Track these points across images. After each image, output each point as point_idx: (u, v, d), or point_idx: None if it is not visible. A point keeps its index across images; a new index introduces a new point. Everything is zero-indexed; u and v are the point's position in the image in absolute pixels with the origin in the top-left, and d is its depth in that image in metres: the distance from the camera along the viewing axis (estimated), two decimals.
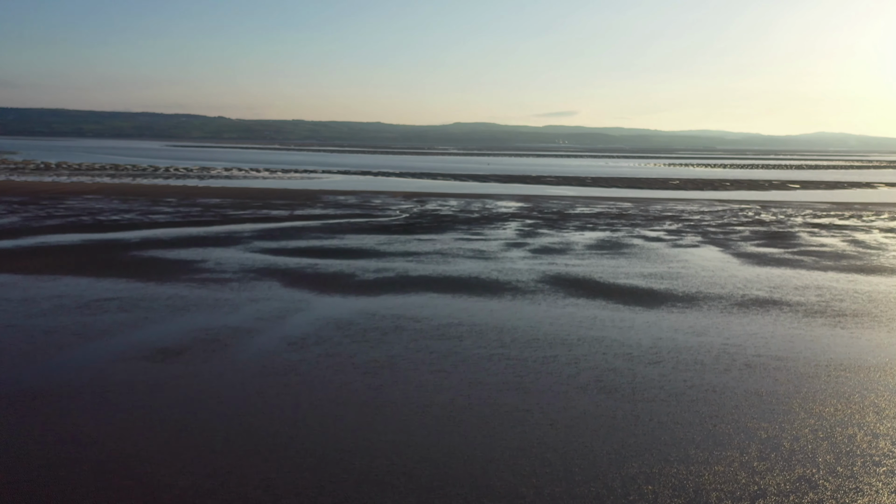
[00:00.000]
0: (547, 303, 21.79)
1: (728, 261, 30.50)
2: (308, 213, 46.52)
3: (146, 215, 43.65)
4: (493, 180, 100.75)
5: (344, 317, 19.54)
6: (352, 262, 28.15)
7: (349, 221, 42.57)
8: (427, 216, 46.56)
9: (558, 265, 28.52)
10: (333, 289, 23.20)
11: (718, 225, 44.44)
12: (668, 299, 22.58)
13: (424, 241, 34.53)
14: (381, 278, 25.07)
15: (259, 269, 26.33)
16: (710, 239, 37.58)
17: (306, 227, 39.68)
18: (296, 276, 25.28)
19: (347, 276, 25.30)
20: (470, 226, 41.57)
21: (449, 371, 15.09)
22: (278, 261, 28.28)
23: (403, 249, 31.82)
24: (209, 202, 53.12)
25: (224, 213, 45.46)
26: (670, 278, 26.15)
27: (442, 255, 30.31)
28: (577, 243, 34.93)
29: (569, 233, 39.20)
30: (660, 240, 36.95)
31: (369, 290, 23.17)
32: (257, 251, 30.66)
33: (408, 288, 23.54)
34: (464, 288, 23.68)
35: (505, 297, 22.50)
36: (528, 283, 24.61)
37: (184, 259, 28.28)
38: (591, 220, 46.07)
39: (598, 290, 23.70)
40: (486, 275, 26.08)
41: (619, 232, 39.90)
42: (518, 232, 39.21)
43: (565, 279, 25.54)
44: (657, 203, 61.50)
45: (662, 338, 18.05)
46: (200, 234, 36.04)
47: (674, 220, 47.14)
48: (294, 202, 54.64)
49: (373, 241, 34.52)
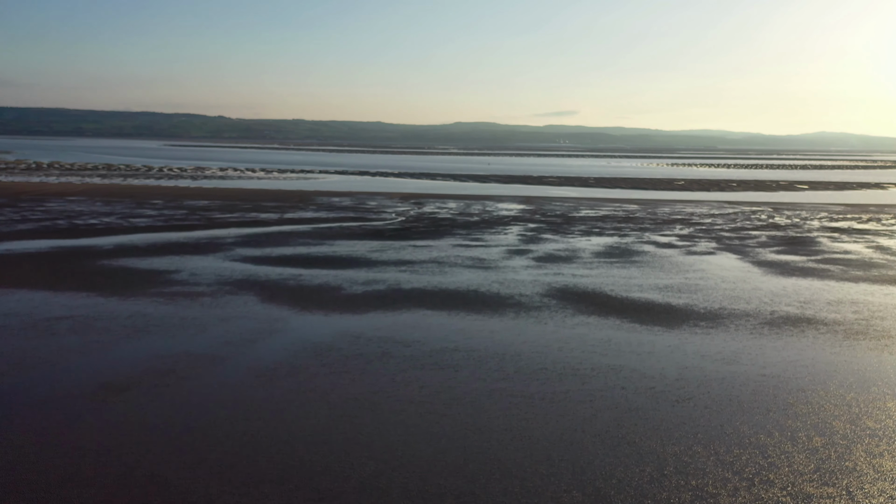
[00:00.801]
0: (554, 322, 19.44)
1: (748, 270, 28.13)
2: (299, 217, 44.16)
3: (127, 219, 41.29)
4: (493, 181, 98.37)
5: (324, 340, 17.18)
6: (339, 273, 25.79)
7: (341, 226, 40.21)
8: (424, 220, 44.19)
9: (565, 276, 26.15)
10: (316, 305, 20.84)
11: (732, 229, 42.06)
12: (690, 317, 20.22)
13: (420, 248, 32.17)
14: (369, 292, 22.71)
15: (236, 281, 23.97)
16: (725, 245, 35.20)
17: (295, 231, 37.30)
18: (276, 289, 22.92)
19: (333, 290, 22.94)
20: (469, 230, 39.20)
21: (441, 412, 12.74)
22: (259, 271, 25.92)
23: (397, 257, 29.45)
24: (196, 204, 50.76)
25: (210, 217, 43.10)
26: (689, 291, 23.77)
27: (438, 265, 27.95)
28: (583, 250, 32.56)
29: (574, 238, 36.83)
30: (672, 246, 34.58)
31: (356, 306, 20.81)
32: (238, 259, 28.30)
33: (399, 304, 21.18)
34: (461, 303, 21.33)
35: (507, 314, 20.15)
36: (532, 298, 22.26)
37: (156, 269, 25.92)
38: (597, 223, 43.70)
39: (610, 306, 21.34)
40: (485, 287, 23.72)
41: (628, 237, 37.52)
42: (520, 237, 36.84)
43: (573, 293, 23.18)
44: (665, 205, 59.12)
45: (688, 367, 15.68)
46: (180, 239, 33.68)
47: (684, 223, 44.76)
48: (285, 204, 52.28)
49: (364, 247, 32.17)
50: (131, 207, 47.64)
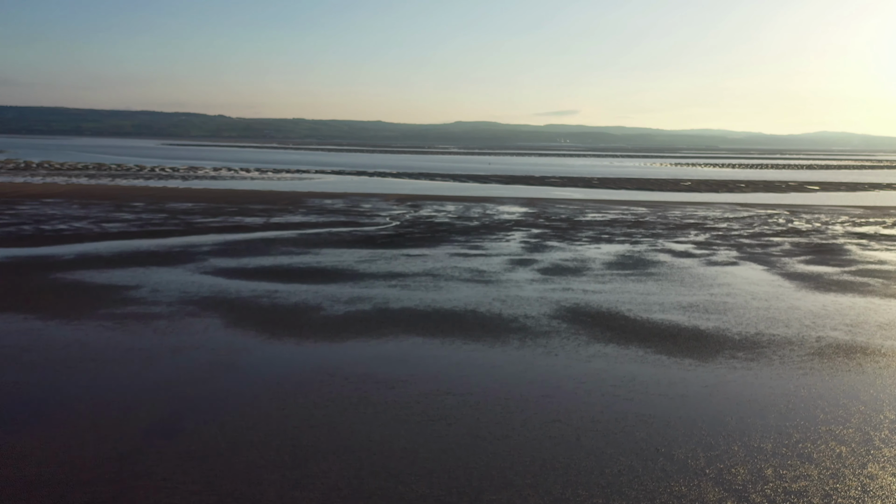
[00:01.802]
0: (566, 352, 16.53)
1: (779, 284, 25.19)
2: (285, 221, 41.23)
3: (100, 223, 38.36)
4: (494, 181, 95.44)
5: (291, 380, 14.27)
6: (321, 289, 22.86)
7: (330, 231, 37.27)
8: (420, 224, 41.26)
9: (575, 292, 23.22)
10: (288, 330, 17.92)
11: (751, 235, 39.11)
12: (724, 346, 17.29)
13: (414, 258, 29.25)
14: (353, 313, 19.79)
15: (202, 300, 21.05)
16: (747, 254, 32.26)
17: (279, 238, 34.38)
18: (245, 309, 20.00)
19: (311, 310, 20.02)
20: (468, 236, 36.27)
21: (425, 495, 9.82)
22: (231, 286, 23.00)
23: (387, 269, 26.53)
24: (179, 207, 47.84)
25: (190, 221, 40.17)
26: (717, 312, 20.85)
27: (433, 278, 25.03)
28: (593, 260, 29.62)
29: (582, 246, 33.89)
30: (689, 255, 31.64)
31: (335, 332, 17.89)
32: (209, 272, 25.38)
33: (385, 328, 18.26)
34: (457, 328, 18.41)
35: (510, 342, 17.24)
36: (539, 320, 19.34)
37: (114, 284, 23.00)
38: (605, 228, 40.76)
39: (629, 331, 18.42)
40: (485, 306, 20.81)
41: (641, 244, 34.58)
42: (523, 245, 33.91)
43: (586, 313, 20.26)
44: (675, 207, 56.16)
45: (733, 419, 12.76)
46: (151, 247, 30.76)
47: (699, 228, 41.81)
48: (274, 207, 49.35)
49: (352, 257, 29.24)
50: (108, 211, 44.71)
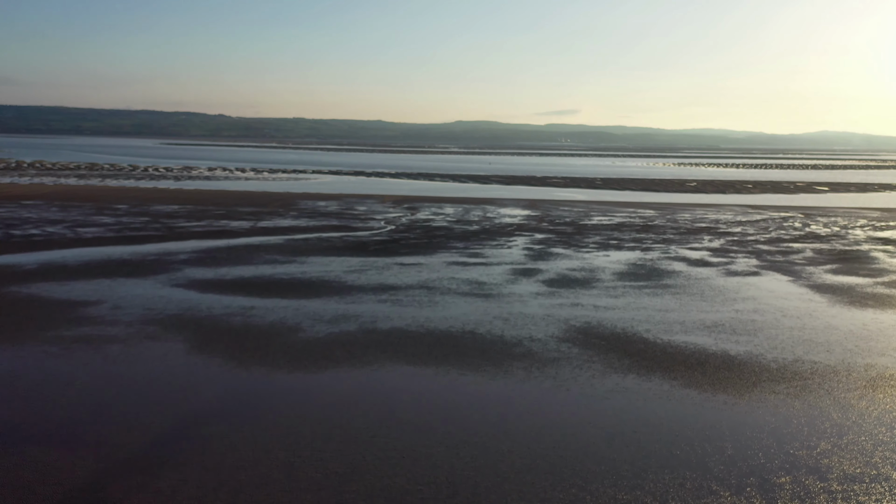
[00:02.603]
0: (579, 385, 14.22)
1: (810, 299, 22.87)
2: (274, 226, 38.91)
3: (75, 228, 36.06)
4: (495, 182, 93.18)
5: (250, 426, 11.96)
6: (303, 305, 20.56)
7: (320, 237, 34.96)
8: (416, 229, 38.95)
9: (585, 307, 20.92)
10: (258, 358, 15.60)
11: (768, 241, 36.78)
12: (760, 377, 14.98)
13: (408, 268, 26.94)
14: (335, 335, 17.48)
15: (167, 319, 18.74)
16: (768, 262, 29.94)
17: (264, 245, 32.07)
18: (215, 330, 17.70)
19: (288, 332, 17.71)
20: (467, 242, 33.96)
21: None
22: (202, 302, 20.69)
23: (378, 281, 24.21)
24: (164, 210, 45.53)
25: (172, 225, 37.86)
26: (746, 332, 18.53)
27: (428, 291, 22.72)
28: (603, 270, 27.31)
29: (590, 253, 31.57)
30: (706, 263, 29.33)
31: (312, 360, 15.58)
32: (182, 285, 23.06)
33: (370, 355, 15.95)
34: (453, 354, 16.11)
35: (514, 372, 14.94)
36: (546, 344, 17.04)
37: (72, 299, 20.69)
38: (613, 233, 38.44)
39: (650, 358, 16.11)
40: (485, 327, 18.50)
41: (653, 251, 32.26)
42: (527, 252, 31.60)
43: (599, 335, 17.95)
44: (683, 210, 53.84)
45: (786, 479, 10.46)
46: (124, 256, 28.45)
47: (712, 233, 39.49)
48: (264, 210, 47.05)
49: (341, 266, 26.94)
50: (88, 214, 42.40)
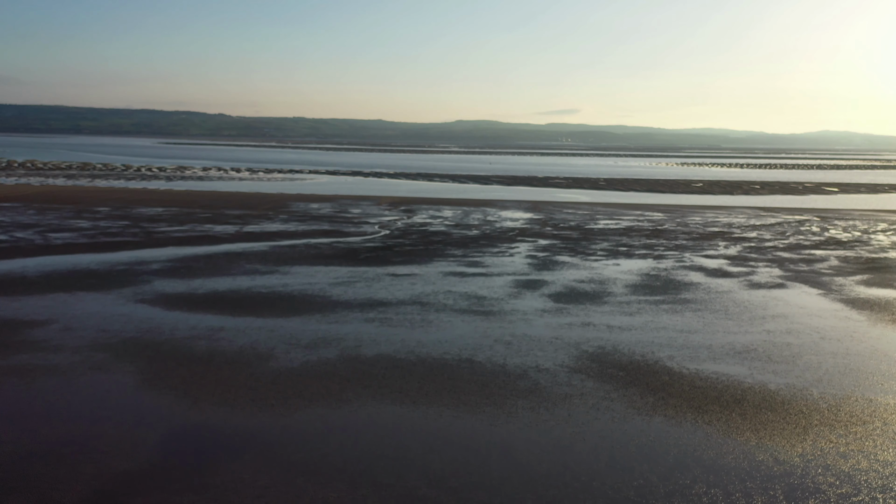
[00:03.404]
0: (596, 432, 11.90)
1: (847, 316, 20.53)
2: (260, 230, 36.58)
3: (47, 233, 33.72)
4: (495, 182, 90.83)
5: (193, 494, 9.63)
6: (279, 325, 18.22)
7: (308, 243, 32.61)
8: (412, 234, 36.62)
9: (597, 328, 18.58)
10: (218, 396, 13.27)
11: (788, 247, 34.44)
12: (810, 419, 12.65)
13: (400, 279, 24.60)
14: (311, 365, 15.15)
15: (122, 344, 16.40)
16: (792, 272, 27.61)
17: (247, 252, 29.73)
18: (173, 359, 15.36)
19: (258, 361, 15.37)
20: (466, 249, 31.63)
21: None
22: (166, 322, 18.36)
23: (366, 295, 21.87)
24: (146, 213, 43.19)
25: (152, 230, 35.52)
26: (783, 360, 16.19)
27: (421, 308, 20.38)
28: (614, 281, 24.96)
29: (598, 261, 29.23)
30: (725, 274, 26.98)
31: (281, 398, 13.25)
32: (148, 300, 20.72)
33: (350, 392, 13.62)
34: (447, 389, 13.79)
35: (519, 414, 12.63)
36: (556, 376, 14.71)
37: (21, 318, 18.35)
38: (621, 239, 36.09)
39: (677, 394, 13.77)
40: (485, 353, 16.17)
41: (666, 259, 29.91)
42: (530, 260, 29.26)
43: (616, 363, 15.61)
44: (693, 213, 51.48)
45: None
46: (92, 265, 26.11)
47: (726, 238, 37.13)
48: (252, 213, 44.70)
49: (328, 277, 24.60)
50: (65, 217, 40.07)
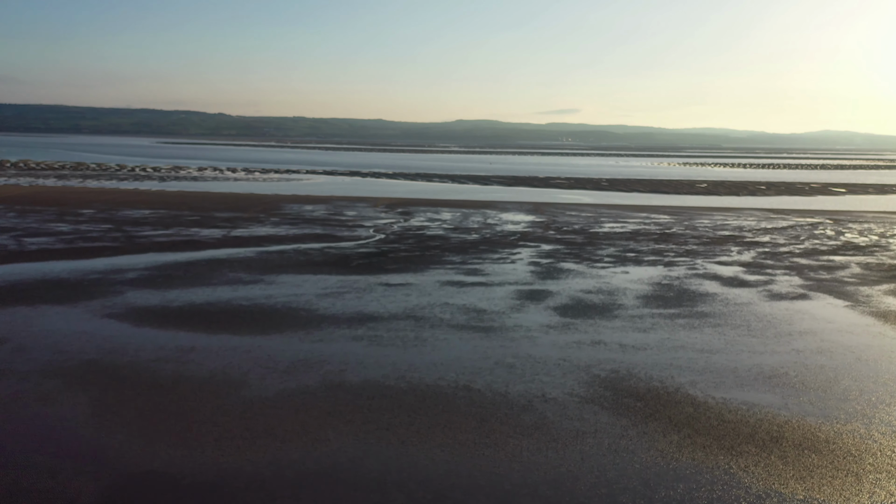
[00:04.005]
0: (615, 481, 10.13)
1: (881, 332, 18.77)
2: (249, 234, 34.82)
3: (22, 238, 31.97)
4: (496, 183, 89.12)
5: None
6: (257, 344, 16.47)
7: (298, 248, 30.87)
8: (408, 238, 34.87)
9: (609, 347, 16.83)
10: (179, 432, 11.50)
11: (804, 253, 32.69)
12: (863, 465, 10.90)
13: (393, 290, 22.84)
14: (288, 393, 13.40)
15: (76, 369, 14.65)
16: (813, 281, 25.85)
17: (231, 258, 27.98)
18: (132, 387, 13.61)
19: (227, 388, 13.63)
20: (465, 255, 29.88)
21: None
22: (133, 340, 16.62)
23: (355, 309, 20.12)
24: (132, 216, 41.44)
25: (134, 235, 33.77)
26: (819, 387, 14.44)
27: (415, 323, 18.64)
28: (623, 292, 23.21)
29: (605, 269, 27.47)
30: (742, 283, 25.22)
31: (249, 436, 11.49)
32: (116, 314, 18.97)
33: (331, 428, 11.87)
34: (442, 422, 12.05)
35: (522, 457, 10.87)
36: (565, 407, 12.96)
37: None
38: (629, 244, 34.34)
39: (706, 431, 12.02)
40: (485, 378, 14.43)
41: (677, 267, 28.16)
42: (533, 267, 27.50)
43: (632, 391, 13.86)
44: (700, 215, 49.74)
45: None
46: (62, 274, 24.36)
47: (738, 243, 35.38)
48: (243, 215, 42.96)
49: (316, 287, 22.85)
50: (46, 220, 38.31)
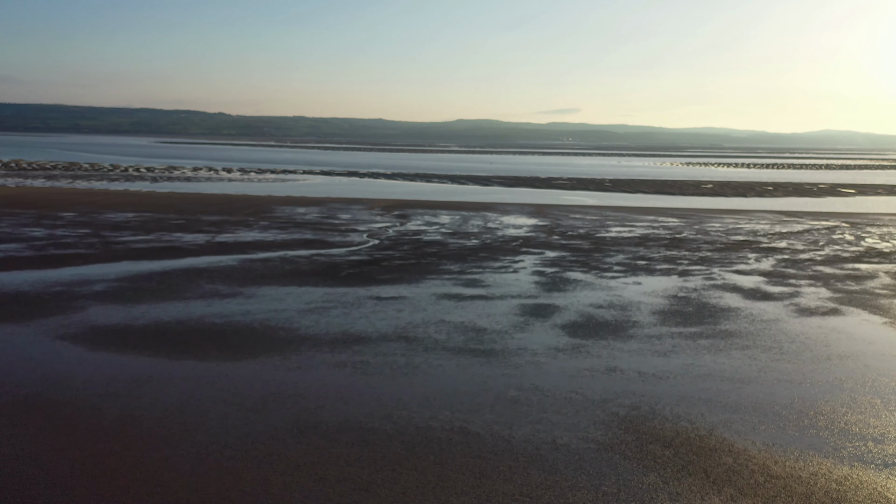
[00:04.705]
0: None
1: None
2: (234, 240, 32.77)
3: None
4: (496, 183, 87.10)
5: None
6: (224, 373, 14.40)
7: (284, 256, 28.81)
8: (404, 244, 32.82)
9: (626, 375, 14.76)
10: (109, 501, 9.45)
11: (826, 260, 30.62)
12: None
13: (385, 304, 20.77)
14: (252, 440, 11.33)
15: (9, 406, 12.55)
16: (842, 293, 23.76)
17: (211, 268, 25.91)
18: (68, 432, 11.54)
19: (182, 432, 11.55)
20: (464, 264, 27.82)
21: None
22: (83, 369, 14.54)
23: (341, 328, 18.05)
24: (113, 220, 39.38)
25: (111, 241, 31.72)
26: (874, 435, 12.36)
27: (406, 346, 16.57)
28: (637, 306, 21.14)
29: (615, 279, 25.40)
30: (766, 295, 23.13)
31: (201, 498, 9.43)
32: (71, 335, 16.90)
33: (297, 488, 9.76)
34: (433, 482, 9.98)
35: None
36: (580, 458, 10.89)
37: None
38: (638, 250, 32.28)
39: (752, 493, 9.92)
40: (484, 417, 12.35)
41: (693, 277, 26.09)
42: (537, 278, 25.44)
43: (657, 435, 11.79)
44: (710, 218, 47.69)
45: None
46: (22, 287, 22.28)
47: (754, 249, 33.31)
48: (231, 218, 40.91)
49: (299, 302, 20.79)
50: (21, 224, 36.26)
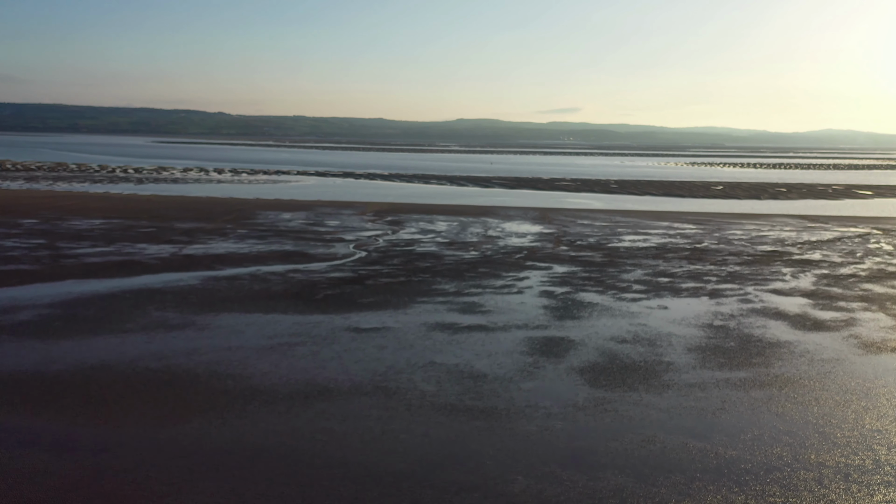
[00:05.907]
0: None
1: None
2: (204, 252, 29.22)
3: None
4: (497, 185, 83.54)
5: None
6: (139, 453, 10.85)
7: (256, 273, 25.23)
8: (394, 256, 29.29)
9: (667, 449, 11.22)
10: None
11: (871, 276, 27.05)
12: None
13: (364, 337, 17.20)
14: None
15: None
16: None
17: (167, 288, 22.33)
18: None
19: None
20: (460, 282, 24.25)
21: None
22: None
23: (306, 374, 14.48)
24: (76, 227, 35.82)
25: (63, 254, 28.17)
26: None
27: (386, 399, 13.02)
28: (668, 340, 17.57)
29: (637, 301, 21.81)
30: (816, 324, 19.56)
31: None
32: None
33: None
34: None
35: None
36: None
37: None
38: (657, 264, 28.72)
39: None
40: None
41: (726, 298, 22.50)
42: (546, 300, 21.85)
43: None
44: (729, 224, 44.14)
45: None
46: None
47: (787, 262, 29.72)
48: (207, 225, 37.35)
49: (261, 334, 17.23)
50: None
